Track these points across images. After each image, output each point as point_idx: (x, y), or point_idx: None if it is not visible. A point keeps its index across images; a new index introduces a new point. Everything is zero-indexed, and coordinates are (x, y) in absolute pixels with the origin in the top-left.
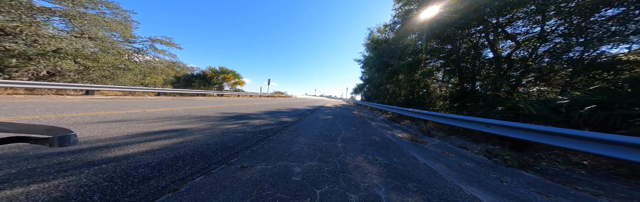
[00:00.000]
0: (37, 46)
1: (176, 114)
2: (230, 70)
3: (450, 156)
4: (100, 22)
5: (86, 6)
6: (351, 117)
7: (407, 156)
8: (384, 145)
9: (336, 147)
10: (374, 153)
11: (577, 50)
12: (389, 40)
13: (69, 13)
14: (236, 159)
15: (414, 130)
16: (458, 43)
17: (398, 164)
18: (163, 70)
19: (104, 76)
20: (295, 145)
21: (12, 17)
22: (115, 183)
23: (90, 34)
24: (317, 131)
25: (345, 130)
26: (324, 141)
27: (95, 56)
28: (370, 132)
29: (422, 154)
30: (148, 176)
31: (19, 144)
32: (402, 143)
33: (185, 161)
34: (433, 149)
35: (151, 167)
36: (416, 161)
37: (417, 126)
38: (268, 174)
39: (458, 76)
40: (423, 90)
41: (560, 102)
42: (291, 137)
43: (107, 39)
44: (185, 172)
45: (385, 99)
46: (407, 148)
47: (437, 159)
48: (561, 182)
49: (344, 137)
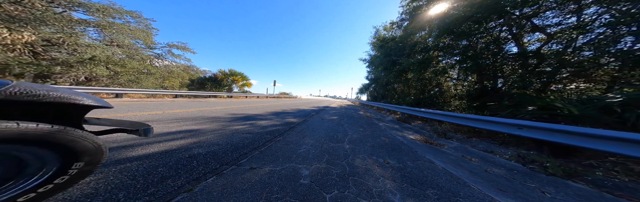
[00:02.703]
0: (76, 54)
1: (191, 115)
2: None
3: (473, 160)
4: (126, 30)
5: (114, 16)
6: (357, 118)
7: (422, 159)
8: (394, 147)
9: (344, 149)
10: (384, 156)
11: (627, 40)
12: (396, 38)
13: (100, 23)
14: (245, 160)
15: (428, 131)
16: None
17: (413, 168)
18: (179, 74)
19: (131, 80)
20: (302, 146)
21: (56, 29)
22: (137, 181)
23: (118, 41)
24: (323, 131)
25: (352, 131)
26: (331, 143)
27: (123, 62)
28: (378, 133)
29: (440, 157)
30: (166, 175)
31: None
32: (415, 145)
33: (198, 161)
34: (451, 152)
35: (169, 166)
36: (434, 166)
37: (430, 127)
38: (276, 177)
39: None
40: (435, 89)
41: (611, 101)
42: (297, 138)
43: (132, 46)
44: (198, 172)
45: (393, 99)
46: (421, 151)
47: (458, 164)
48: (624, 196)
49: (351, 139)
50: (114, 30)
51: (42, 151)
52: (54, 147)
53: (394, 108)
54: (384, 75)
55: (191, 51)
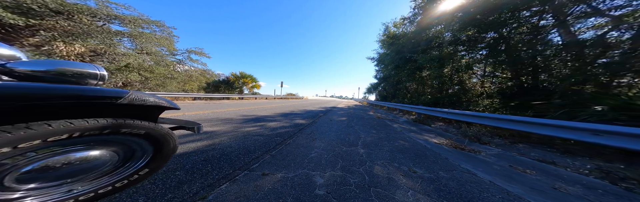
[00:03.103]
0: (115, 63)
1: (207, 116)
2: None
3: (528, 173)
4: (153, 39)
5: (143, 26)
6: (368, 119)
7: (457, 169)
8: (418, 153)
9: (358, 154)
10: (408, 163)
11: None
12: (408, 35)
13: (132, 34)
14: (257, 165)
15: (453, 134)
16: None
17: (449, 180)
18: (198, 77)
19: (158, 85)
20: (313, 150)
21: (99, 41)
22: (157, 186)
23: (147, 49)
24: (334, 134)
25: (365, 133)
26: (343, 146)
27: (151, 68)
28: (394, 136)
29: (481, 167)
30: (183, 179)
31: None
32: (443, 151)
33: (213, 165)
34: (493, 161)
35: (186, 170)
36: (477, 178)
37: (456, 130)
38: (289, 185)
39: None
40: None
41: None
42: (308, 141)
43: (158, 53)
44: (212, 177)
45: (405, 98)
46: (452, 158)
47: (509, 177)
48: None
49: (365, 142)
50: (144, 40)
51: (144, 142)
52: (150, 139)
53: (408, 108)
54: (395, 74)
55: (207, 56)
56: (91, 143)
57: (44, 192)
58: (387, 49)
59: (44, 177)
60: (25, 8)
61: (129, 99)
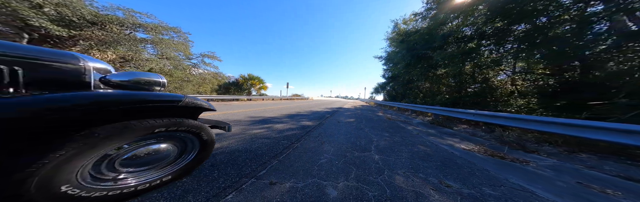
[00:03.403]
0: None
1: (218, 118)
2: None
3: (612, 194)
4: (171, 44)
5: (163, 33)
6: (377, 120)
7: (505, 184)
8: (445, 161)
9: (373, 161)
10: (436, 174)
11: None
12: (420, 31)
13: (154, 40)
14: (264, 172)
15: (484, 139)
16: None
17: (500, 199)
18: (211, 80)
19: (177, 88)
20: (323, 155)
21: (127, 48)
22: (162, 195)
23: (167, 54)
24: (343, 137)
25: (377, 137)
26: (355, 151)
27: (171, 72)
28: (411, 140)
29: (537, 183)
30: (188, 188)
31: None
32: (478, 160)
33: (220, 171)
34: (552, 175)
35: (192, 176)
36: (537, 199)
37: (488, 134)
38: (299, 197)
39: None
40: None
41: None
42: (316, 144)
43: (176, 58)
44: (219, 185)
45: (417, 99)
46: (493, 169)
47: (584, 199)
48: None
49: (379, 147)
50: (164, 45)
51: (194, 138)
52: (198, 135)
53: (422, 109)
54: (406, 73)
55: (218, 59)
56: (160, 138)
57: (136, 174)
58: (397, 47)
59: (135, 163)
60: (68, 20)
61: (185, 102)
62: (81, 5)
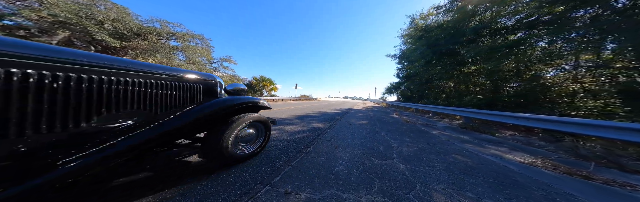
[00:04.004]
0: None
1: None
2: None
3: None
4: (196, 50)
5: (189, 40)
6: (394, 123)
7: None
8: (499, 177)
9: (398, 171)
10: (490, 194)
11: None
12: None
13: (183, 47)
14: (278, 179)
15: (549, 151)
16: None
17: None
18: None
19: None
20: (338, 162)
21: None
22: (184, 200)
23: (193, 60)
24: (357, 141)
25: (397, 142)
26: (374, 158)
27: None
28: (442, 147)
29: None
30: (207, 193)
31: None
32: (549, 178)
33: (236, 176)
34: None
35: (211, 179)
36: None
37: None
38: None
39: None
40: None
41: None
42: (329, 149)
43: (200, 63)
44: (234, 192)
45: (439, 99)
46: (582, 194)
47: None
48: None
49: (402, 154)
50: (191, 52)
51: (262, 126)
52: (265, 124)
53: (449, 111)
54: (425, 71)
55: (234, 62)
56: (249, 126)
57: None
58: (414, 44)
59: (243, 140)
60: (121, 33)
61: (261, 103)
62: (129, 20)
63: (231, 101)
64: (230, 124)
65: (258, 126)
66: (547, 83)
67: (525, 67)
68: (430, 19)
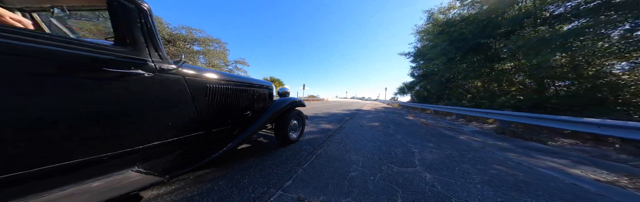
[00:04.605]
0: None
1: None
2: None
3: None
4: (215, 54)
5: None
6: (410, 126)
7: None
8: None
9: (425, 182)
10: None
11: None
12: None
13: (204, 51)
14: (290, 183)
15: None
16: None
17: None
18: None
19: None
20: (352, 167)
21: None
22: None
23: (212, 63)
24: (370, 144)
25: (418, 147)
26: (393, 165)
27: None
28: (476, 155)
29: None
30: (222, 195)
31: None
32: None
33: (249, 178)
34: None
35: (226, 179)
36: None
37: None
38: None
39: None
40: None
41: None
42: (341, 152)
43: (218, 65)
44: (248, 196)
45: (464, 100)
46: None
47: None
48: None
49: (426, 162)
50: (210, 55)
51: (302, 119)
52: (303, 118)
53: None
54: (446, 69)
55: (247, 64)
56: (294, 118)
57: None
58: (432, 40)
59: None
60: None
61: (302, 101)
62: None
63: (288, 100)
64: (287, 117)
65: (299, 118)
66: (619, 81)
67: (586, 62)
68: (451, 12)
